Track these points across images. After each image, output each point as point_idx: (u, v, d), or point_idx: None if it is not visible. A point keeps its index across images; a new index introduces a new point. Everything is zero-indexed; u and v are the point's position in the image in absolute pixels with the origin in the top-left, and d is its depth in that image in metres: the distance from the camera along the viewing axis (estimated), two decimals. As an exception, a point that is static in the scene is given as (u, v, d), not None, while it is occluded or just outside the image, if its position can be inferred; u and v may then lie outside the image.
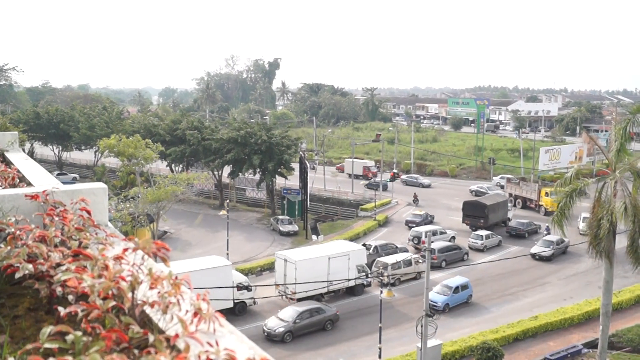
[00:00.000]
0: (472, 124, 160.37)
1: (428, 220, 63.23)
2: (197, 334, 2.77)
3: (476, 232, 56.05)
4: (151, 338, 2.71)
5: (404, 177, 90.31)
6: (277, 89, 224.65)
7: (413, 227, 59.21)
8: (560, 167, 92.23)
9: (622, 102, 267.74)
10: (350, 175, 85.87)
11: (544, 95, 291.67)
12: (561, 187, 33.54)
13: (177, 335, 2.75)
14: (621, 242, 32.94)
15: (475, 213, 59.43)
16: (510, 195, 72.82)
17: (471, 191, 79.87)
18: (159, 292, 3.12)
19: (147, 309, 3.13)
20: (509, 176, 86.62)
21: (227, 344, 2.80)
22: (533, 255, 51.18)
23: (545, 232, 56.32)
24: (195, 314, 3.01)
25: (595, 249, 31.61)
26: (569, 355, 33.28)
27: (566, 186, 33.09)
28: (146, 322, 3.13)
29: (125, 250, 3.51)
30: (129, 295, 3.04)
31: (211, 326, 3.00)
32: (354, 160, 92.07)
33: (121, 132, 66.07)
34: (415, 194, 75.74)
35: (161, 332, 2.97)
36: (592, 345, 34.68)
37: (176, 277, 3.22)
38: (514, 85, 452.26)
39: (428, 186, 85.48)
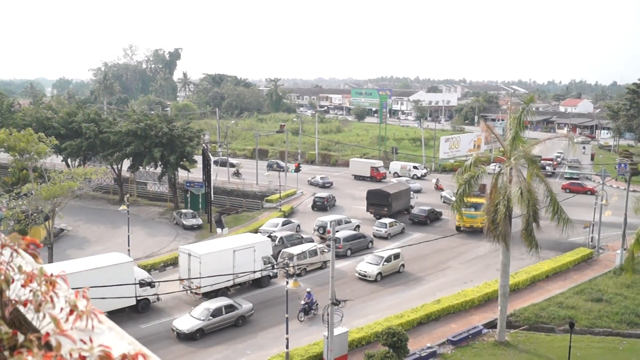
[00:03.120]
0: (375, 114, 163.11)
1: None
2: (72, 332, 2.59)
3: (380, 220, 56.96)
4: (21, 338, 2.50)
5: (394, 180, 79.89)
6: (179, 79, 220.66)
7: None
8: (459, 156, 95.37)
9: (517, 92, 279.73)
10: (355, 177, 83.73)
11: (444, 86, 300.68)
12: (460, 175, 34.57)
13: (47, 334, 2.54)
14: (517, 226, 34.25)
15: (379, 201, 60.39)
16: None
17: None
18: (31, 290, 2.88)
19: (22, 308, 2.89)
20: None
21: (105, 340, 2.65)
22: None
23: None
24: (71, 312, 2.80)
25: (493, 233, 32.79)
26: (470, 336, 34.37)
27: (465, 174, 34.15)
28: (22, 322, 2.90)
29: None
30: (-6, 294, 2.77)
31: (89, 323, 2.80)
32: (360, 160, 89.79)
33: (12, 125, 62.92)
34: (237, 168, 78.38)
35: (36, 331, 2.75)
36: (491, 325, 35.96)
37: (51, 275, 2.99)
38: (416, 76, 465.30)
39: (419, 191, 74.38)
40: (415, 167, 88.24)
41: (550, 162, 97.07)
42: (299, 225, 58.05)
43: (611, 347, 33.89)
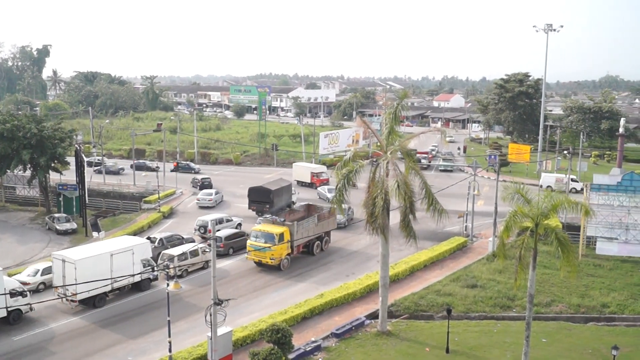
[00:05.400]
0: (255, 111, 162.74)
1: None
2: None
3: (262, 218, 56.67)
4: None
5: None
6: (48, 77, 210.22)
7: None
8: (339, 151, 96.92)
9: (393, 88, 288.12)
10: (297, 183, 78.12)
11: (323, 82, 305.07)
12: (340, 170, 34.97)
13: None
14: (395, 218, 35.06)
15: (261, 198, 60.15)
16: None
17: None
18: None
19: None
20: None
21: None
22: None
23: None
24: None
25: (372, 226, 33.40)
26: (353, 328, 34.88)
27: (344, 168, 34.57)
28: None
29: None
30: None
31: None
32: (302, 164, 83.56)
33: None
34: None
35: None
36: (374, 316, 36.70)
37: None
38: (294, 73, 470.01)
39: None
40: (574, 180, 71.09)
41: (426, 155, 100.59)
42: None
43: (486, 330, 35.50)
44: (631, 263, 47.71)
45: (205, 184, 76.52)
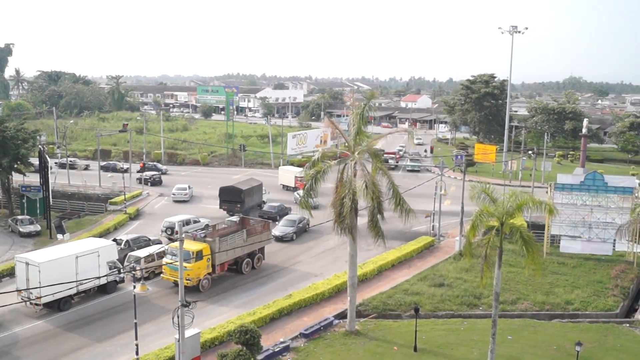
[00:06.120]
0: (223, 112, 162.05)
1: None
2: None
3: (230, 218, 56.46)
4: None
5: None
6: (11, 77, 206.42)
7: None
8: (307, 151, 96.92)
9: (361, 88, 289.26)
10: (283, 187, 76.46)
11: (291, 83, 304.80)
12: (308, 170, 35.00)
13: None
14: (363, 218, 35.19)
15: (232, 198, 59.99)
16: None
17: None
18: None
19: None
20: None
21: None
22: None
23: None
24: None
25: (340, 226, 33.47)
26: (322, 328, 34.93)
27: (312, 169, 34.58)
28: None
29: None
30: None
31: None
32: (287, 167, 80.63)
33: None
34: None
35: None
36: (342, 315, 36.78)
37: None
38: (262, 73, 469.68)
39: None
40: None
41: (393, 155, 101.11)
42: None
43: (453, 328, 35.81)
44: (594, 261, 48.57)
45: (155, 181, 79.89)
